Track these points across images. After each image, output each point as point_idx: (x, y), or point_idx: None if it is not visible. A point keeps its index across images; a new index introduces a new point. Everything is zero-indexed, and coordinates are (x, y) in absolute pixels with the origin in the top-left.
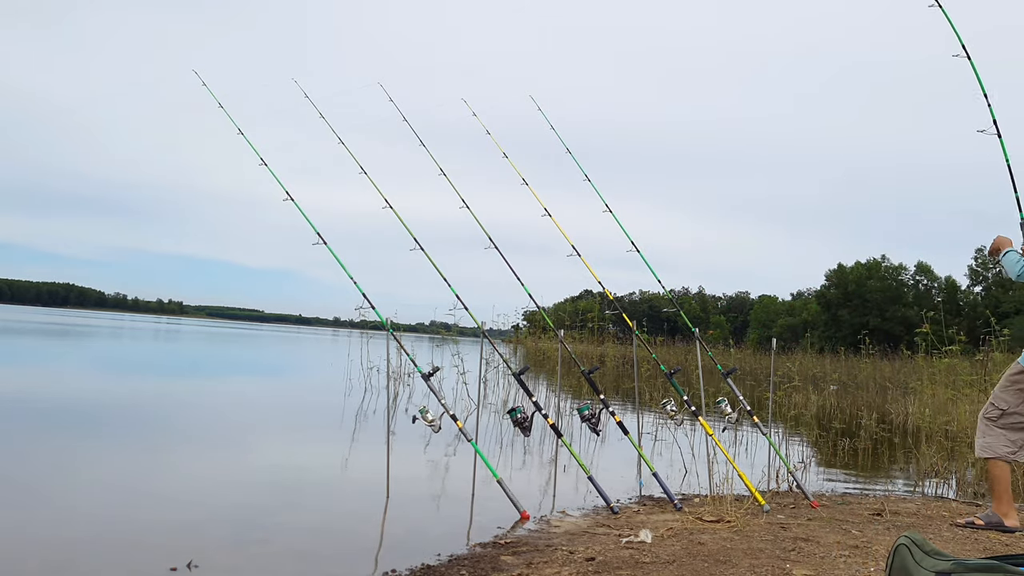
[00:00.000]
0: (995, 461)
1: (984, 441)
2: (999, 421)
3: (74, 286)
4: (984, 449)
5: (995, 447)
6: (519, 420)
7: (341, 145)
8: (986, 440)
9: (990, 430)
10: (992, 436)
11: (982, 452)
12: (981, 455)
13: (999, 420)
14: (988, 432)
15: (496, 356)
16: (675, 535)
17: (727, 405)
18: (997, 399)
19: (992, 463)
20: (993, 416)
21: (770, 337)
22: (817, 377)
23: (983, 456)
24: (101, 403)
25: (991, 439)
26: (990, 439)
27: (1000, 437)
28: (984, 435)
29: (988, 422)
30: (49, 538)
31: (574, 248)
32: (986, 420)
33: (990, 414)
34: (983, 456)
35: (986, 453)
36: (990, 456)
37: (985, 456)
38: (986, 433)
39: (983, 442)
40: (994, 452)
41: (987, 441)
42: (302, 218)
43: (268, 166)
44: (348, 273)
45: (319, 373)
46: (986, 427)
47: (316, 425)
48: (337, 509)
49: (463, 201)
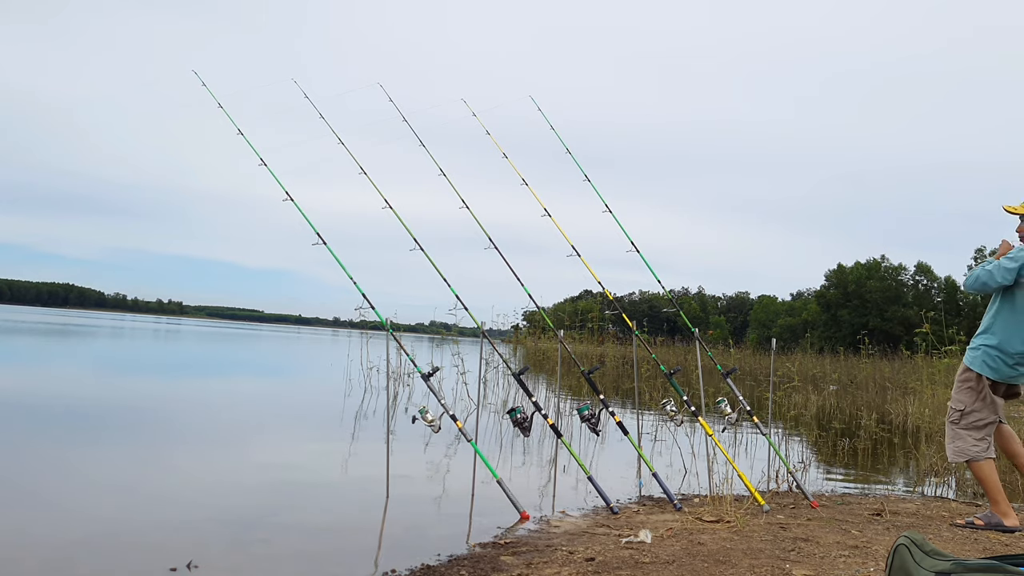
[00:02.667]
0: (975, 464)
1: (954, 446)
2: (961, 422)
3: (74, 286)
4: (957, 454)
5: (966, 450)
6: (519, 420)
7: (341, 145)
8: (955, 445)
9: (955, 433)
10: (959, 440)
11: (955, 457)
12: (955, 460)
13: (960, 421)
14: (955, 436)
15: (496, 356)
16: (675, 535)
17: (727, 405)
18: (954, 401)
19: (974, 466)
20: (955, 419)
21: (770, 337)
22: (817, 377)
23: (957, 461)
24: (101, 403)
25: (959, 443)
26: (959, 443)
27: (966, 439)
28: (952, 440)
29: (952, 425)
30: (49, 538)
31: (574, 248)
32: (950, 424)
33: (952, 417)
34: (957, 461)
35: (960, 457)
36: (964, 460)
37: (959, 460)
38: (953, 438)
39: (953, 447)
40: (966, 455)
41: (957, 446)
42: (302, 218)
43: (268, 166)
44: (348, 273)
45: (319, 373)
46: (951, 431)
47: (316, 425)
48: (337, 509)
49: (463, 201)
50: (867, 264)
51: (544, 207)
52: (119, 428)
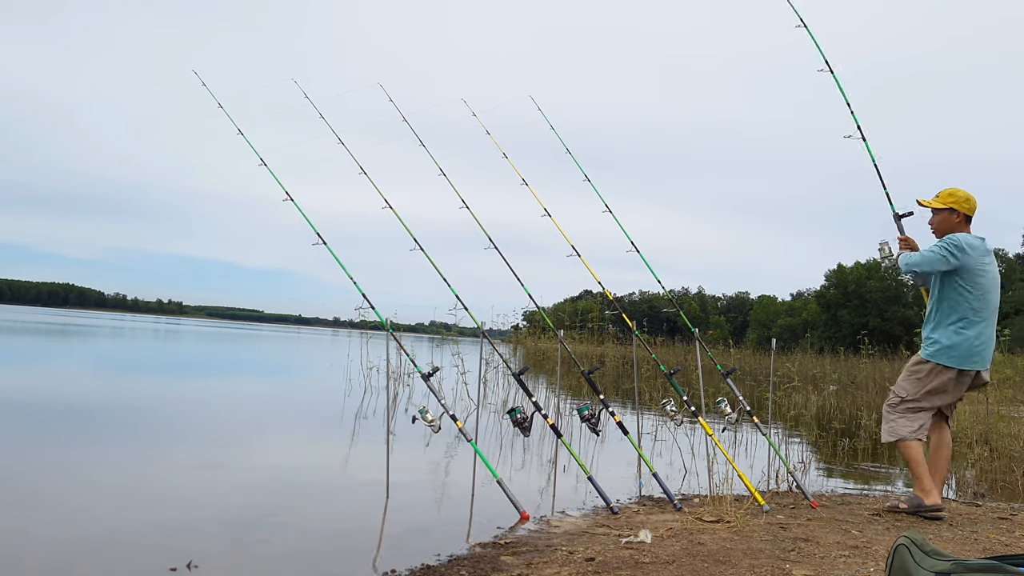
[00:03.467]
0: (904, 443)
1: (887, 427)
2: (898, 407)
3: (74, 286)
4: (889, 433)
5: (897, 430)
6: (519, 420)
7: (341, 145)
8: (888, 426)
9: (891, 416)
10: (893, 422)
11: (887, 436)
12: (887, 439)
13: (898, 407)
14: (889, 419)
15: (496, 356)
16: (675, 535)
17: (727, 405)
18: (899, 388)
19: (903, 445)
20: (894, 403)
21: (770, 337)
22: (817, 377)
23: (888, 440)
24: (101, 403)
25: (892, 424)
26: (892, 424)
27: (900, 421)
28: (887, 422)
29: (889, 409)
30: (49, 538)
31: (574, 248)
32: (888, 408)
33: (891, 401)
34: (888, 440)
35: (891, 437)
36: (895, 439)
37: (891, 439)
38: (888, 420)
39: (887, 427)
40: (897, 435)
41: (890, 426)
42: (302, 218)
43: (268, 166)
44: (348, 273)
45: (319, 373)
46: (888, 414)
47: (316, 425)
48: (337, 509)
49: (463, 201)
50: (867, 264)
51: (544, 207)
52: (119, 428)
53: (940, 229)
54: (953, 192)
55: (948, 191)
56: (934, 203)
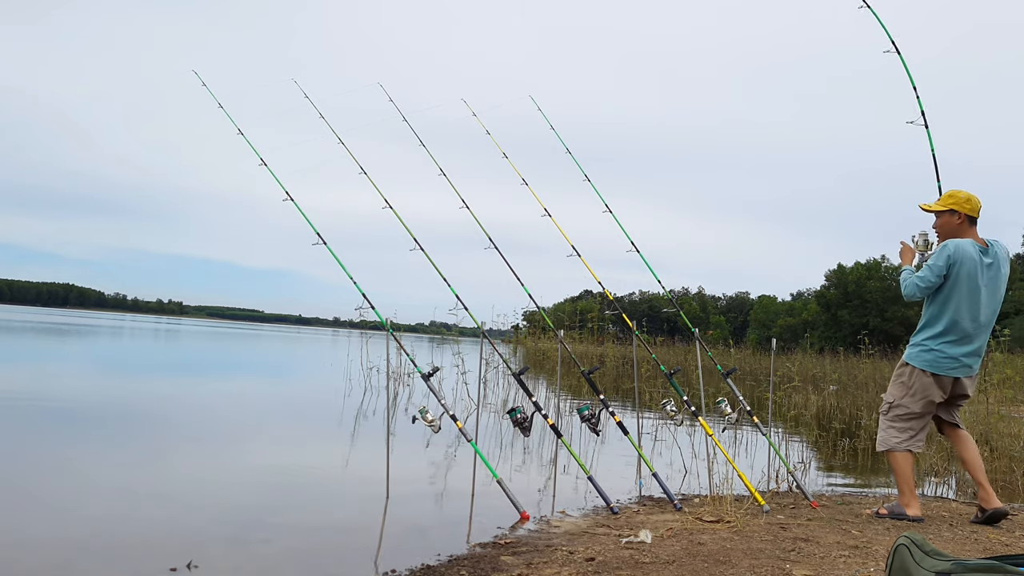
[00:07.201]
0: (892, 454)
1: (879, 436)
2: (888, 414)
3: (74, 286)
4: (880, 443)
5: (887, 440)
6: (519, 420)
7: (341, 145)
8: (880, 435)
9: (883, 425)
10: (884, 431)
11: (878, 446)
12: (878, 449)
13: (888, 413)
14: (881, 427)
15: (496, 356)
16: (675, 535)
17: (727, 405)
18: (887, 393)
19: (890, 456)
20: (883, 410)
21: (770, 337)
22: (817, 377)
23: (880, 450)
24: (101, 403)
25: (883, 434)
26: (883, 434)
27: (890, 430)
28: (879, 430)
29: (882, 416)
30: (49, 538)
31: (574, 248)
32: (881, 415)
33: (882, 408)
34: (880, 450)
35: (882, 447)
36: (885, 449)
37: (881, 450)
38: (880, 429)
39: (879, 437)
40: (887, 445)
41: (881, 436)
42: (302, 218)
43: (268, 166)
44: (348, 273)
45: (319, 373)
46: (881, 422)
47: (316, 425)
48: (337, 509)
49: (463, 201)
50: (867, 264)
51: (544, 207)
52: (119, 428)
53: (943, 232)
54: (953, 194)
55: (948, 193)
56: (934, 206)
